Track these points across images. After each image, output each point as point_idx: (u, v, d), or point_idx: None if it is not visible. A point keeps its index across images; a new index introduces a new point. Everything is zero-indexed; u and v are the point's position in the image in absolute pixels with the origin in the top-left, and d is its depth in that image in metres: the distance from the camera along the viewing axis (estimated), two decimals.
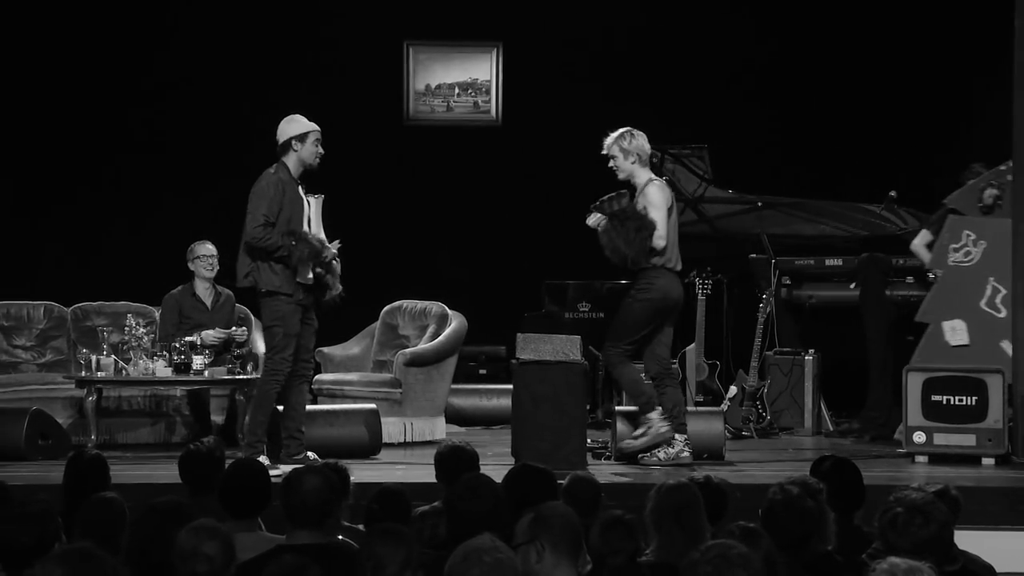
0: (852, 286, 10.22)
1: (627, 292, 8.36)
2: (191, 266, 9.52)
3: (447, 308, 10.22)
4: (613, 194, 8.16)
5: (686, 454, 8.19)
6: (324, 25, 11.99)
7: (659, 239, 8.09)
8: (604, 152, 8.34)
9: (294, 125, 8.00)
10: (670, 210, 8.20)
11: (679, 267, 8.28)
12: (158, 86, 11.85)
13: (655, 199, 8.16)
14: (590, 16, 11.91)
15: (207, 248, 9.52)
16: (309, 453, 8.03)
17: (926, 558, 3.71)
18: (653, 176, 8.31)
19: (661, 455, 8.17)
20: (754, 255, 10.58)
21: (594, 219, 8.16)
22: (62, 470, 5.33)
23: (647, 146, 8.30)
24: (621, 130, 8.34)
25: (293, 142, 7.94)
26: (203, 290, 9.48)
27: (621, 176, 8.31)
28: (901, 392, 8.57)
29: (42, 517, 4.18)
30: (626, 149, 8.27)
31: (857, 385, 9.99)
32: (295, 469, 4.61)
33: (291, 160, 7.95)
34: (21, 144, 11.75)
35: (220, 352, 9.13)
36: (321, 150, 7.98)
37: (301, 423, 8.09)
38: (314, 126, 8.01)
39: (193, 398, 9.39)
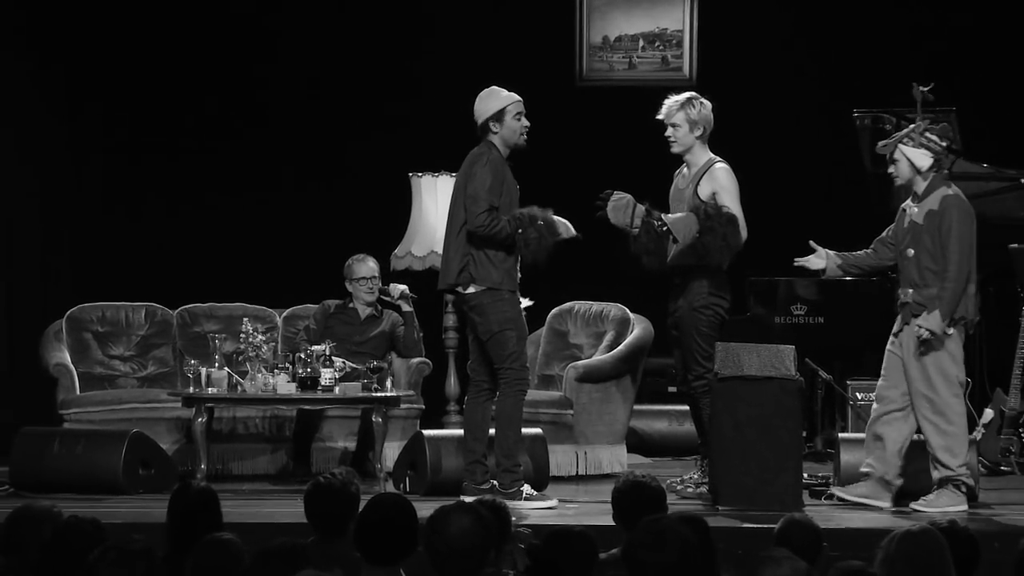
0: None
1: (678, 306, 8.55)
2: (349, 287, 9.79)
3: (628, 311, 10.21)
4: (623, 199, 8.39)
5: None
6: None
7: (743, 230, 8.36)
8: (662, 118, 8.59)
9: (487, 102, 8.33)
10: None
11: None
12: (290, 51, 12.05)
13: (728, 184, 8.44)
14: None
15: (368, 268, 9.77)
16: (495, 481, 8.23)
17: None
18: (715, 156, 8.55)
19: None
20: (1015, 245, 10.37)
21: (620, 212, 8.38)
22: (166, 505, 5.44)
23: (712, 119, 8.58)
24: (687, 94, 8.64)
25: (491, 124, 8.29)
26: (360, 306, 9.81)
27: (677, 150, 8.63)
28: None
29: (145, 556, 4.29)
30: (692, 119, 8.57)
31: None
32: (440, 507, 4.64)
33: (496, 141, 8.29)
34: (117, 111, 12.03)
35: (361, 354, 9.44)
36: (526, 123, 8.32)
37: (486, 446, 8.31)
38: (511, 97, 8.33)
39: (302, 418, 9.54)
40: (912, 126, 8.25)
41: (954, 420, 8.08)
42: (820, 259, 8.50)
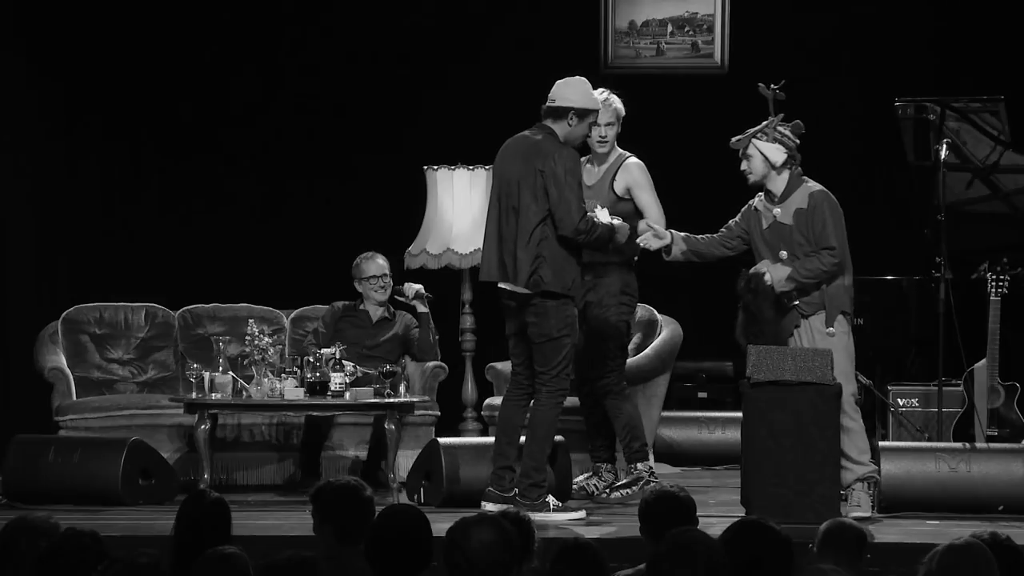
0: None
1: (589, 302, 8.82)
2: (358, 287, 9.80)
3: (656, 312, 10.21)
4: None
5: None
6: None
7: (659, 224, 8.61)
8: (604, 119, 8.71)
9: (580, 96, 8.29)
10: None
11: None
12: (298, 41, 12.07)
13: (643, 179, 8.79)
14: None
15: (377, 265, 9.78)
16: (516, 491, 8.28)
17: None
18: (624, 151, 8.85)
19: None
20: None
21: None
22: (167, 517, 5.47)
23: None
24: (604, 90, 8.78)
25: (571, 116, 8.25)
26: (372, 307, 9.82)
27: (608, 149, 8.85)
28: None
29: (152, 570, 4.31)
30: (620, 114, 8.87)
31: None
32: (461, 519, 4.66)
33: (559, 130, 8.27)
34: (117, 105, 12.03)
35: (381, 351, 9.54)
36: (592, 133, 8.48)
37: (518, 452, 8.35)
38: (598, 104, 8.42)
39: (311, 425, 9.58)
40: (766, 122, 8.36)
41: (855, 417, 8.28)
42: (661, 239, 8.49)
